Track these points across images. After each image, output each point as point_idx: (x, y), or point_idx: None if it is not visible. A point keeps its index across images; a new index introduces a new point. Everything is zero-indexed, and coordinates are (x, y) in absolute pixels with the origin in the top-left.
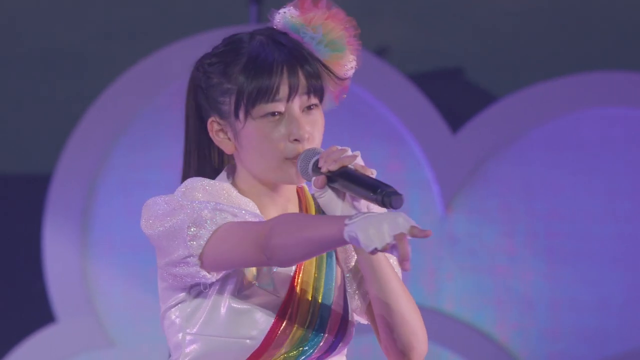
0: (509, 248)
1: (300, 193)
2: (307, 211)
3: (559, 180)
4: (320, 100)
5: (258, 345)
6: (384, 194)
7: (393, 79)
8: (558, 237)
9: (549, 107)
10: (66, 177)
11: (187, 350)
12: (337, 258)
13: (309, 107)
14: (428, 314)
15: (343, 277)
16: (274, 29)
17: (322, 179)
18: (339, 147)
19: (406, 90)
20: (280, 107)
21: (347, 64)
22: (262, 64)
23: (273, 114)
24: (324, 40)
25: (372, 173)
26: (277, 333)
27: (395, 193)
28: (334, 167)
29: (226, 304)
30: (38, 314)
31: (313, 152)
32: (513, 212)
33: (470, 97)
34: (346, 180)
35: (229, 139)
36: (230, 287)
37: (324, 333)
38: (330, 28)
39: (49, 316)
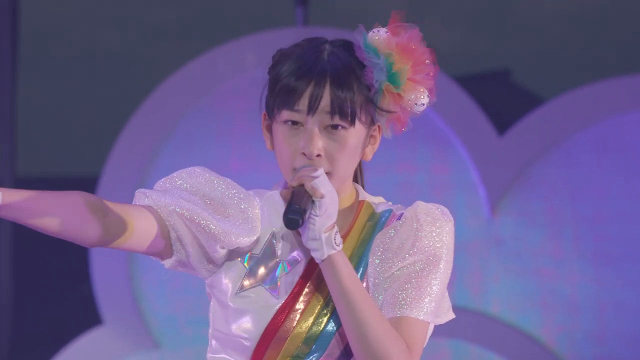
0: (555, 251)
1: (358, 210)
2: (349, 230)
3: (605, 183)
4: (350, 123)
5: (255, 345)
6: (284, 213)
7: (439, 82)
8: (604, 239)
9: (595, 109)
10: (113, 179)
11: (210, 344)
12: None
13: (334, 127)
14: (473, 316)
15: None
16: (349, 42)
17: (287, 193)
18: (311, 167)
19: (453, 92)
20: (299, 117)
21: (404, 99)
22: (296, 73)
23: (294, 122)
24: (384, 68)
25: (320, 196)
26: (276, 334)
27: (292, 213)
28: (294, 183)
29: (229, 303)
30: (85, 316)
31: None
32: (559, 215)
33: (517, 100)
34: (290, 196)
35: (271, 134)
36: (231, 286)
37: (329, 343)
38: (396, 59)
39: (96, 318)
